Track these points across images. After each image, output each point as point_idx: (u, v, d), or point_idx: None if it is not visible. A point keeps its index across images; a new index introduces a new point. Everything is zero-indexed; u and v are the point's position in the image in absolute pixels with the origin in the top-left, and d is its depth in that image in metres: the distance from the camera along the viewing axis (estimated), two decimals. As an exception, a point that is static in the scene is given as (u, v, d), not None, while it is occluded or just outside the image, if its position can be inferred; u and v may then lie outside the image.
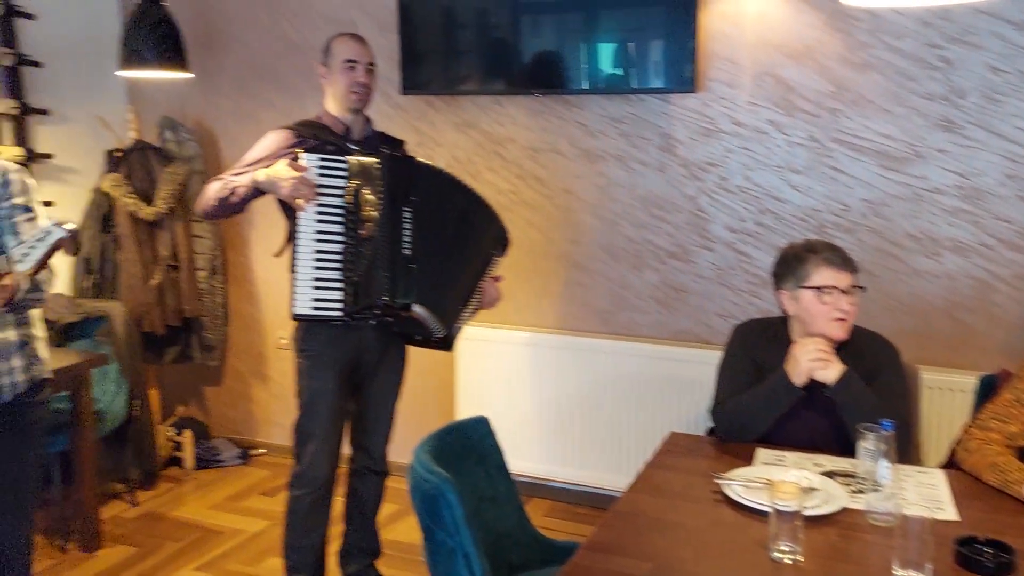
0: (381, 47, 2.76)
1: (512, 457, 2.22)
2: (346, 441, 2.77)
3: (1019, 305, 2.92)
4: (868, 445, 1.89)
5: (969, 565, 1.59)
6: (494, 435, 2.18)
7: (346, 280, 2.44)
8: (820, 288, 2.18)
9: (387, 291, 2.42)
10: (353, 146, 2.60)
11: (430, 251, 2.50)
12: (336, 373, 2.61)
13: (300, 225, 2.44)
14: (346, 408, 2.72)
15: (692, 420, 3.21)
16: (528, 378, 3.50)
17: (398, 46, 3.50)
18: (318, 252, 2.44)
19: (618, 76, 3.27)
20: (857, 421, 2.00)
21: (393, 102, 3.63)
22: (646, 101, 3.28)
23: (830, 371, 2.13)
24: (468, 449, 2.12)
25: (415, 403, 3.50)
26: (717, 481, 1.94)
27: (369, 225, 2.44)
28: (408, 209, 2.48)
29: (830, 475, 1.99)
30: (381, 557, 2.95)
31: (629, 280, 3.42)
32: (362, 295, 2.44)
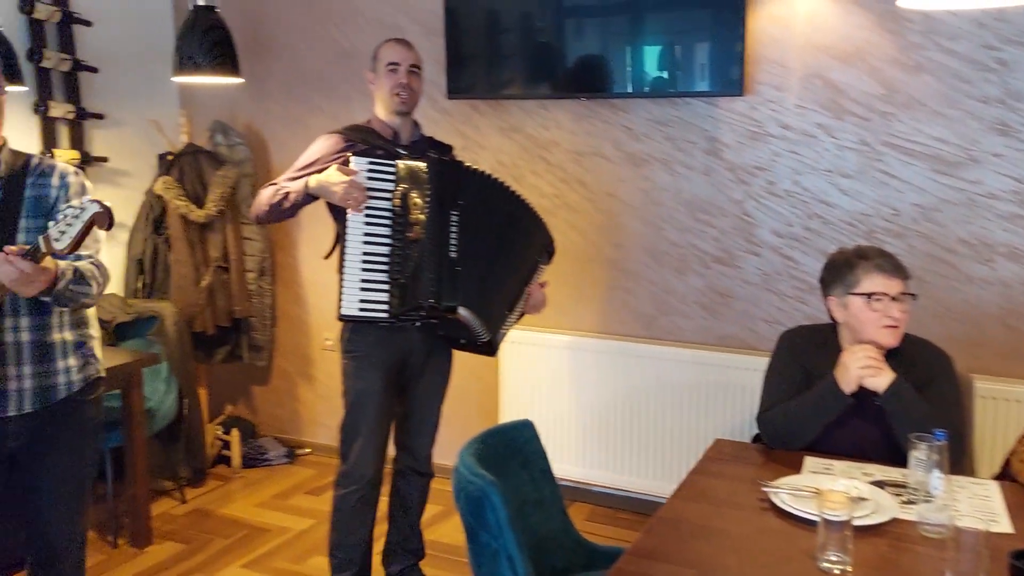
0: (427, 52, 2.78)
1: (554, 461, 2.22)
2: (391, 442, 2.80)
3: (1077, 313, 2.85)
4: (920, 455, 1.85)
5: (1025, 579, 1.56)
6: (538, 439, 2.19)
7: (392, 282, 2.47)
8: (870, 295, 2.15)
9: (433, 293, 2.44)
10: (401, 150, 2.63)
11: (476, 255, 2.51)
12: (382, 374, 2.64)
13: (348, 227, 2.47)
14: (392, 409, 2.75)
15: (737, 427, 3.18)
16: (571, 382, 3.50)
17: (444, 51, 3.53)
18: (365, 254, 2.47)
19: (663, 79, 3.26)
20: (908, 430, 1.96)
21: (439, 106, 3.65)
22: (692, 104, 3.26)
23: (880, 379, 2.09)
24: (512, 452, 2.13)
25: (459, 405, 3.52)
26: (764, 489, 1.92)
27: (416, 228, 2.47)
28: (455, 213, 2.50)
29: (880, 485, 1.95)
30: (424, 558, 2.97)
31: (673, 285, 3.40)
32: (408, 297, 2.46)
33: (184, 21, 3.44)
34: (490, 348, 2.61)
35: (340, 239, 2.57)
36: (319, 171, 2.58)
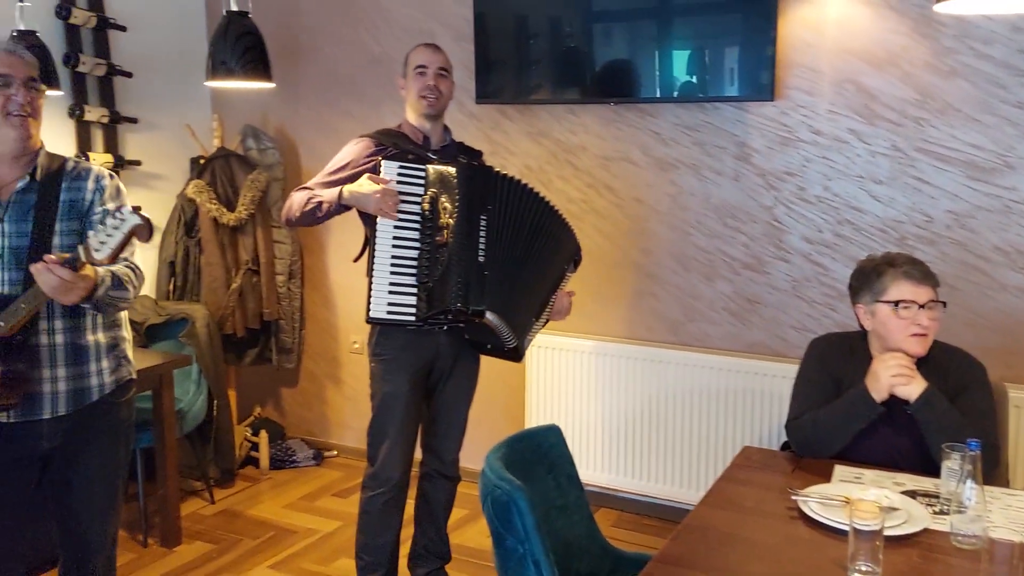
0: (457, 57, 2.79)
1: (580, 466, 2.22)
2: (418, 445, 2.81)
3: (1116, 322, 2.79)
4: (953, 465, 1.83)
5: (1060, 593, 1.53)
6: (565, 444, 2.18)
7: (420, 285, 2.48)
8: (897, 303, 2.12)
9: (460, 297, 2.45)
10: (431, 155, 2.65)
11: (504, 260, 2.52)
12: (409, 377, 2.65)
13: (378, 231, 2.49)
14: (419, 412, 2.76)
15: (765, 434, 3.16)
16: (597, 387, 3.49)
17: (473, 55, 3.54)
18: (394, 258, 2.49)
19: (692, 84, 3.24)
20: (940, 440, 1.94)
21: (467, 111, 3.67)
22: (721, 109, 3.24)
23: (912, 387, 2.07)
24: (539, 457, 2.13)
25: (485, 409, 3.52)
26: (793, 497, 1.90)
27: (445, 232, 2.48)
28: (484, 217, 2.51)
29: (911, 494, 1.93)
30: (451, 562, 2.97)
31: (701, 291, 3.38)
32: (436, 300, 2.47)
33: (217, 26, 3.48)
34: (516, 354, 2.61)
35: (369, 243, 2.59)
36: (350, 175, 2.60)
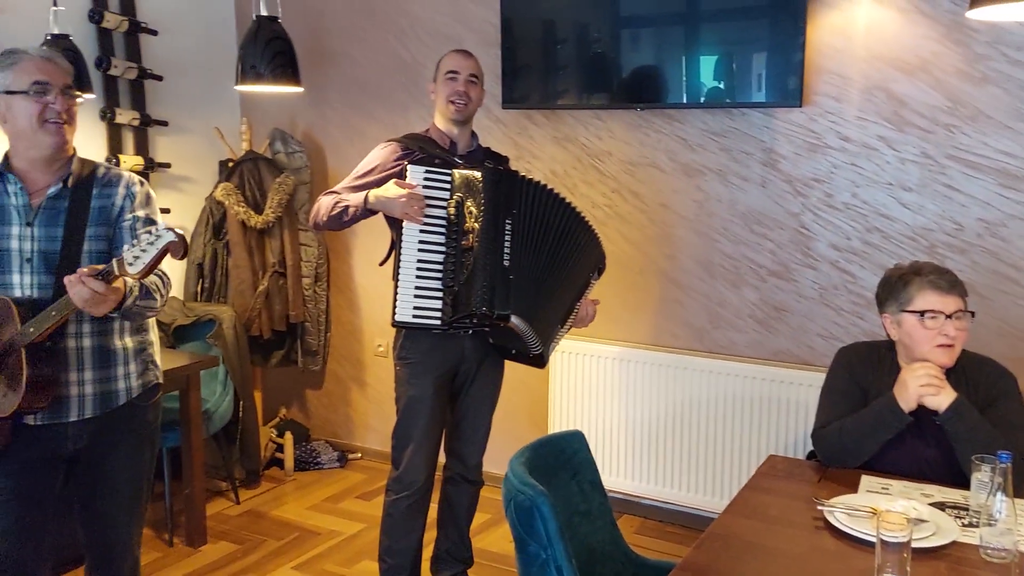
0: (483, 62, 2.80)
1: (603, 472, 2.22)
2: (442, 449, 2.81)
3: None
4: (983, 477, 1.81)
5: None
6: (589, 450, 2.18)
7: (446, 289, 2.49)
8: (923, 312, 2.10)
9: (485, 301, 2.45)
10: (458, 159, 2.66)
11: (530, 265, 2.52)
12: (434, 381, 2.66)
13: (404, 235, 2.50)
14: (443, 416, 2.76)
15: (790, 443, 3.13)
16: (621, 393, 3.48)
17: (500, 61, 3.54)
18: (420, 262, 2.50)
19: (720, 90, 3.23)
20: (970, 451, 1.92)
21: (493, 116, 3.68)
22: (748, 115, 3.23)
23: (941, 398, 2.05)
24: (562, 462, 2.13)
25: (508, 414, 3.53)
26: (819, 507, 1.89)
27: (470, 236, 2.49)
28: (509, 222, 2.51)
29: (940, 506, 1.91)
30: (473, 566, 2.98)
31: (726, 297, 3.36)
32: (461, 304, 2.48)
33: (247, 31, 3.51)
34: (540, 360, 2.61)
35: (395, 247, 2.60)
36: (377, 179, 2.62)
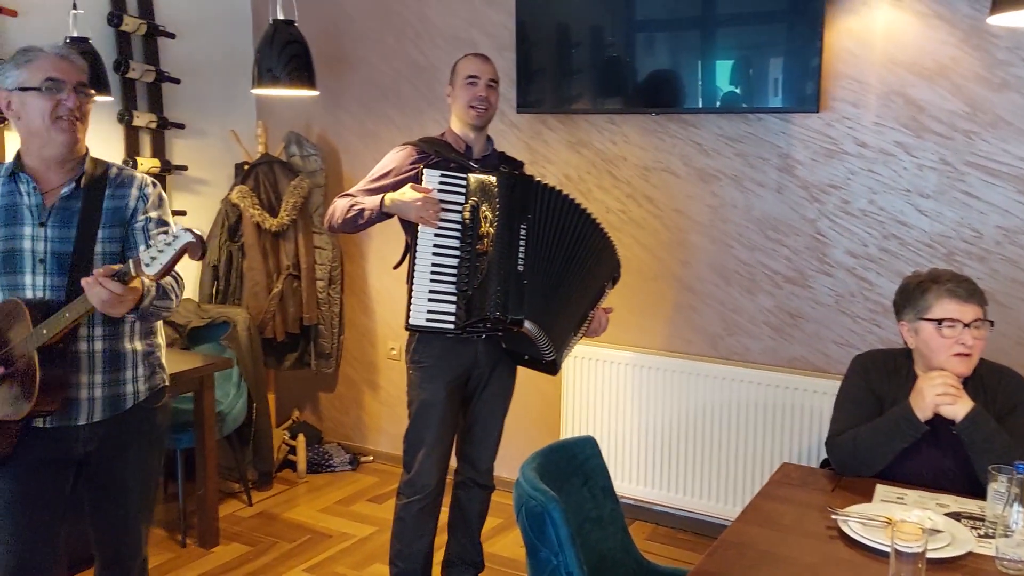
0: (498, 66, 2.80)
1: (615, 478, 2.21)
2: (453, 453, 2.81)
3: None
4: (999, 487, 1.78)
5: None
6: (601, 455, 2.17)
7: (460, 293, 2.49)
8: (940, 321, 2.08)
9: (499, 305, 2.45)
10: (473, 164, 2.65)
11: (544, 270, 2.52)
12: (446, 385, 2.66)
13: (418, 239, 2.50)
14: (455, 420, 2.76)
15: (804, 451, 3.11)
16: (634, 399, 3.46)
17: (514, 65, 3.54)
18: (434, 265, 2.50)
19: (735, 95, 3.21)
20: (986, 462, 1.90)
21: (508, 120, 3.67)
22: (765, 120, 3.21)
23: (958, 407, 2.02)
24: (574, 468, 2.12)
25: (520, 419, 3.52)
26: (833, 516, 1.87)
27: (485, 241, 2.48)
28: (524, 227, 2.51)
29: (955, 517, 1.88)
30: (484, 570, 2.97)
31: (741, 304, 3.34)
32: (475, 308, 2.48)
33: (264, 34, 3.53)
34: (553, 367, 2.61)
35: (410, 250, 2.60)
36: (393, 183, 2.62)
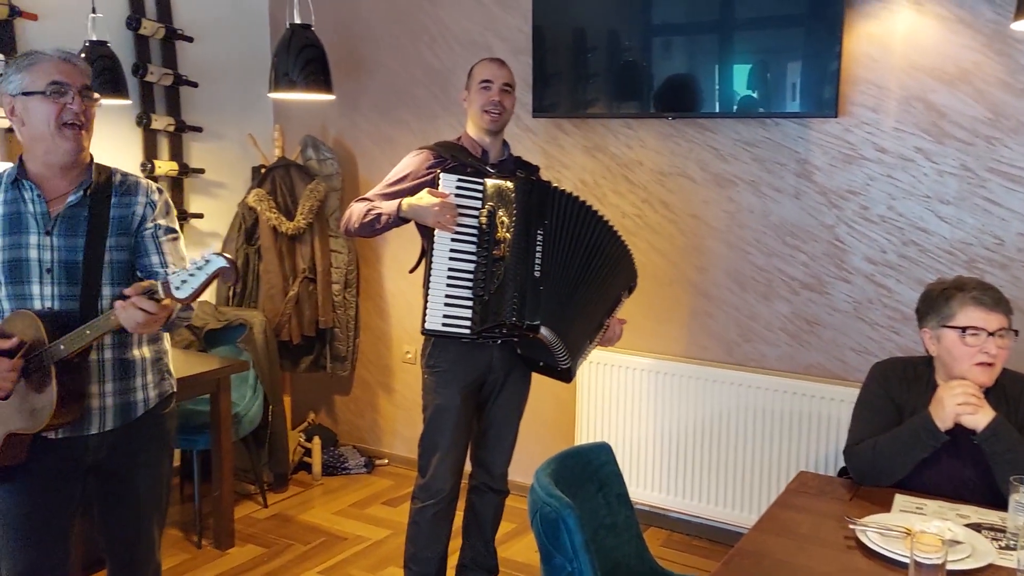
0: (514, 70, 2.80)
1: (629, 484, 2.20)
2: (468, 457, 2.81)
3: None
4: (1021, 499, 1.76)
5: None
6: (615, 462, 2.16)
7: (476, 298, 2.48)
8: (964, 329, 2.06)
9: (515, 311, 2.44)
10: (489, 168, 2.65)
11: (560, 276, 2.51)
12: (461, 389, 2.66)
13: (435, 244, 2.50)
14: (470, 425, 2.76)
15: (821, 459, 3.08)
16: (649, 405, 3.45)
17: (530, 69, 3.54)
18: (451, 270, 2.49)
19: (753, 99, 3.20)
20: (1008, 472, 1.87)
21: (523, 125, 3.67)
22: (782, 125, 3.19)
23: (979, 417, 2.00)
24: (589, 474, 2.11)
25: (535, 424, 3.52)
26: (851, 526, 1.85)
27: (502, 246, 2.48)
28: (540, 233, 2.50)
29: (976, 528, 1.86)
30: (498, 575, 2.96)
31: (758, 310, 3.32)
32: (491, 314, 2.47)
33: (281, 39, 3.54)
34: (567, 375, 2.60)
35: (426, 255, 2.60)
36: (410, 187, 2.62)
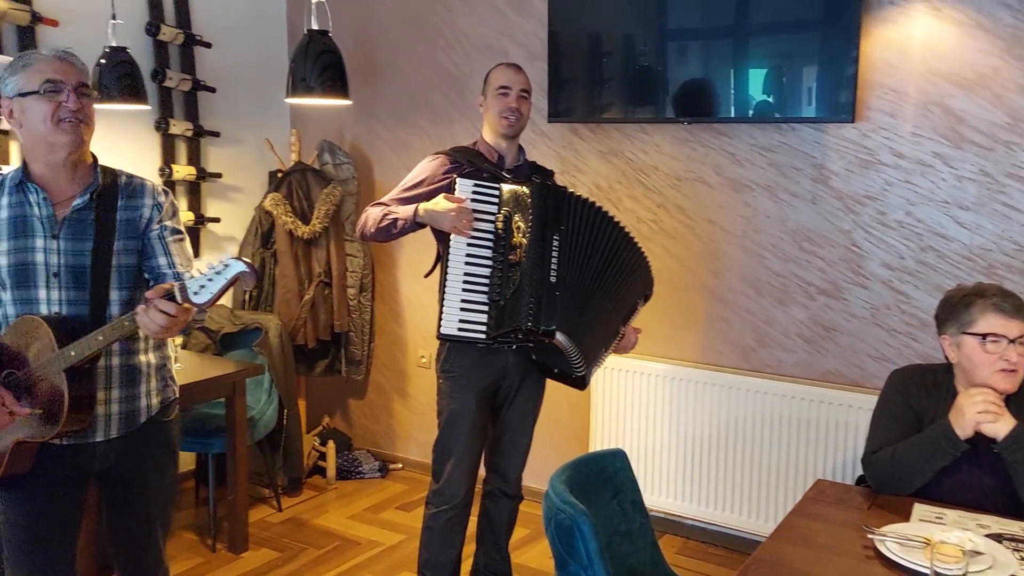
0: (530, 75, 2.80)
1: (644, 491, 2.19)
2: (482, 463, 2.80)
3: None
4: (1042, 509, 1.74)
5: None
6: (630, 468, 2.16)
7: (492, 303, 2.48)
8: (985, 336, 2.04)
9: (531, 316, 2.44)
10: (505, 174, 2.65)
11: (576, 282, 2.51)
12: (476, 395, 2.65)
13: (451, 248, 2.50)
14: (485, 430, 2.75)
15: (839, 467, 3.06)
16: (664, 411, 3.43)
17: (546, 74, 3.54)
18: (467, 275, 2.50)
19: (769, 104, 3.18)
20: (1029, 482, 1.85)
21: (539, 129, 3.67)
22: (799, 130, 3.17)
23: (1000, 425, 1.98)
24: (604, 481, 2.10)
25: (549, 430, 3.51)
26: (869, 536, 1.83)
27: (518, 251, 2.48)
28: (556, 238, 2.50)
29: (997, 538, 1.84)
30: (511, 582, 2.96)
31: (774, 316, 3.30)
32: (507, 319, 2.47)
33: (298, 44, 3.56)
34: (582, 383, 2.59)
35: (442, 259, 2.60)
36: (426, 192, 2.62)
